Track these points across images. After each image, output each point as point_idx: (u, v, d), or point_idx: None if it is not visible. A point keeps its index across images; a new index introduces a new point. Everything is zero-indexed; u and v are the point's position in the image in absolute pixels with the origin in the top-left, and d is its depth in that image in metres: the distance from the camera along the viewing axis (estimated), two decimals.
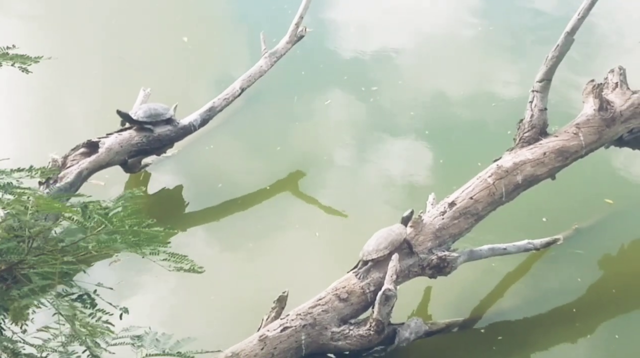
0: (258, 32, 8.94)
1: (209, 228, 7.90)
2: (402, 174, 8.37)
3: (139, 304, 6.93)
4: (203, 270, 3.92)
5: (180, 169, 8.43)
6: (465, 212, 6.89)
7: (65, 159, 7.66)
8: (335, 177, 8.40)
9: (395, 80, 9.50)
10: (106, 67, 9.58)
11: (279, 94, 9.22)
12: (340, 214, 7.93)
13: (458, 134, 8.78)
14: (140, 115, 7.93)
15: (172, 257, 3.85)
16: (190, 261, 3.89)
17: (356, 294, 6.52)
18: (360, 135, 8.86)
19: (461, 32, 10.23)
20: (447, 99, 9.23)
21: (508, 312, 7.02)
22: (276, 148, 8.62)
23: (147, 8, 10.48)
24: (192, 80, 9.46)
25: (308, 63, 9.59)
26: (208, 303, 7.02)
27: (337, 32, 10.19)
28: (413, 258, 6.68)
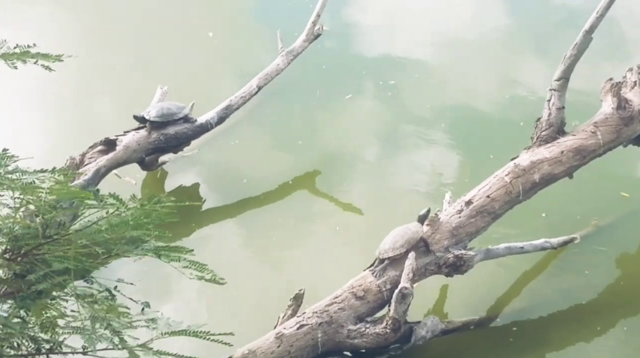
0: (283, 27, 8.97)
1: (232, 223, 7.91)
2: (421, 171, 8.35)
3: (159, 300, 6.95)
4: (224, 281, 3.95)
5: (203, 165, 8.44)
6: (482, 210, 6.86)
7: (83, 156, 7.70)
8: (355, 172, 8.39)
9: (412, 74, 9.49)
10: (131, 63, 9.60)
11: (301, 88, 9.23)
12: (360, 210, 7.92)
13: (477, 130, 8.75)
14: (153, 115, 7.96)
15: (193, 265, 3.87)
16: (211, 271, 3.91)
17: (372, 292, 6.52)
18: (380, 129, 8.86)
19: (484, 29, 10.19)
20: (467, 94, 9.20)
21: (525, 310, 6.98)
22: (298, 142, 8.64)
23: (174, 3, 10.49)
24: (216, 76, 9.46)
25: (329, 58, 9.58)
26: (228, 298, 7.03)
27: (359, 29, 10.18)
28: (429, 256, 6.66)
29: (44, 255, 3.38)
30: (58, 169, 3.93)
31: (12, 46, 3.74)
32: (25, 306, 3.52)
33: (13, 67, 3.78)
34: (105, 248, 3.50)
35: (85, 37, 9.87)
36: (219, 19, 10.19)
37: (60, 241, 3.41)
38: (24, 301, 3.50)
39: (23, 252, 3.42)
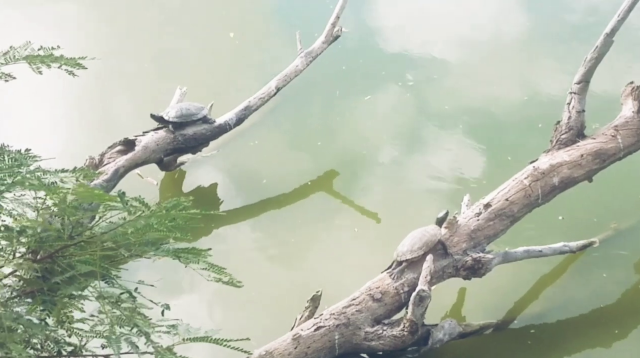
0: (303, 27, 8.97)
1: (251, 224, 7.91)
2: (440, 172, 8.31)
3: (176, 300, 6.96)
4: (241, 284, 3.95)
5: (222, 166, 8.43)
6: (501, 213, 6.84)
7: (102, 156, 7.72)
8: (374, 173, 8.36)
9: (431, 75, 9.47)
10: (151, 63, 9.60)
11: (321, 89, 9.22)
12: (378, 211, 7.89)
13: (496, 131, 8.71)
14: (172, 115, 7.98)
15: (211, 268, 3.88)
16: (229, 274, 3.92)
17: (390, 294, 6.51)
18: (398, 130, 8.83)
19: (503, 30, 10.13)
20: (485, 95, 9.15)
21: (543, 314, 6.94)
22: (317, 143, 8.64)
23: (195, 3, 10.50)
24: (236, 76, 9.45)
25: (348, 59, 9.57)
26: (246, 299, 7.03)
27: (378, 29, 10.14)
28: (447, 259, 6.65)
29: (69, 257, 3.39)
30: (79, 169, 3.95)
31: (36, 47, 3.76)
32: (47, 308, 3.54)
33: (38, 72, 3.80)
34: (127, 249, 3.51)
35: (106, 37, 9.88)
36: (240, 19, 10.18)
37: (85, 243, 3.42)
38: (46, 303, 3.52)
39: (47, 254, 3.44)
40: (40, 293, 3.61)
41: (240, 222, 7.93)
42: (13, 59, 3.69)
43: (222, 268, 3.92)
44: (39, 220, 3.46)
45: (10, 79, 3.77)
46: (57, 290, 3.60)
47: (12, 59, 3.69)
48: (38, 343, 3.63)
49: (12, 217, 3.59)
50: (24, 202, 3.64)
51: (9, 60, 3.69)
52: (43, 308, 3.64)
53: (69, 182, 3.75)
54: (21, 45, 3.72)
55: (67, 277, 3.46)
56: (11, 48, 3.71)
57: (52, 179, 3.67)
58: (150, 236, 3.56)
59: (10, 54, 3.69)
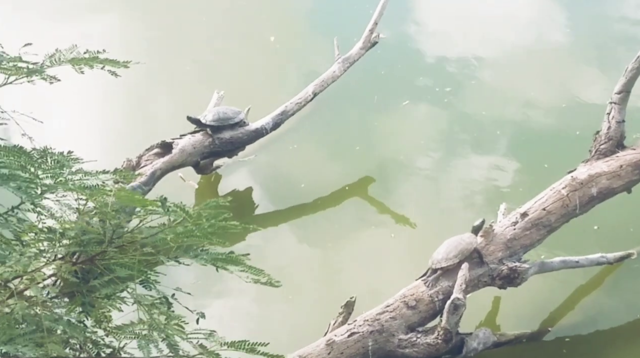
0: (343, 32, 8.96)
1: (287, 227, 7.92)
2: (476, 179, 8.27)
3: (213, 302, 6.98)
4: (280, 284, 3.94)
5: (260, 170, 8.45)
6: (538, 223, 6.78)
7: (139, 158, 7.76)
8: (411, 179, 8.33)
9: (468, 81, 9.41)
10: (191, 67, 9.61)
11: (360, 93, 9.19)
12: (415, 218, 7.85)
13: (533, 138, 8.65)
14: (209, 119, 7.99)
15: (249, 270, 3.89)
16: (268, 275, 3.92)
17: (424, 302, 6.47)
18: (436, 136, 8.80)
19: (543, 37, 10.04)
20: (523, 102, 9.08)
21: (579, 325, 6.87)
22: (355, 148, 8.62)
23: (236, 7, 10.51)
24: (275, 80, 9.44)
25: (387, 64, 9.53)
26: (280, 303, 7.03)
27: (418, 34, 10.11)
28: (483, 268, 6.61)
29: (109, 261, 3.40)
30: (118, 171, 3.97)
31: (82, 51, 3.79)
32: (86, 311, 3.55)
33: (80, 72, 3.82)
34: (166, 254, 3.52)
35: (148, 40, 9.91)
36: (281, 23, 10.17)
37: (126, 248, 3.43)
38: (85, 306, 3.53)
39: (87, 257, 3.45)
40: (80, 294, 3.62)
41: (276, 226, 7.93)
42: (58, 61, 3.73)
43: (260, 270, 3.91)
44: (81, 223, 3.47)
45: (54, 81, 3.80)
46: (95, 290, 3.61)
47: (57, 61, 3.73)
48: (77, 345, 3.64)
49: (54, 218, 3.62)
50: (66, 204, 3.66)
51: (54, 63, 3.72)
52: (82, 310, 3.66)
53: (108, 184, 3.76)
54: (67, 49, 3.75)
55: (106, 280, 3.47)
56: (57, 51, 3.74)
57: (93, 181, 3.69)
58: (189, 241, 3.56)
59: (56, 56, 3.72)
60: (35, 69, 3.69)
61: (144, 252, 3.48)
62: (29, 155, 3.57)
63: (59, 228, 3.56)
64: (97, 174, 3.72)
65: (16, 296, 3.51)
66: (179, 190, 7.95)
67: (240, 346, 3.77)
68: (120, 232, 3.52)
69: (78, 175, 3.70)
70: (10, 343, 3.32)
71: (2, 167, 3.46)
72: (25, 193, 3.47)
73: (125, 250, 3.50)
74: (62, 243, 3.57)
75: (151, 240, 3.49)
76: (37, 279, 3.53)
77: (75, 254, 3.60)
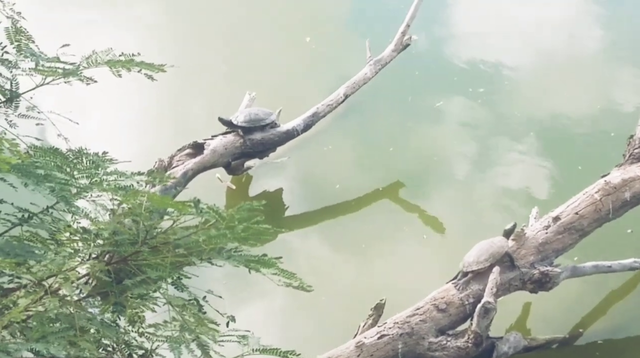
0: (379, 32, 8.91)
1: (320, 228, 7.90)
2: (509, 181, 8.22)
3: (244, 303, 6.98)
4: (311, 288, 3.93)
5: (293, 171, 8.43)
6: (570, 227, 6.73)
7: (171, 159, 7.78)
8: (444, 180, 8.29)
9: (502, 82, 9.35)
10: (225, 67, 9.60)
11: (394, 94, 9.15)
12: (447, 220, 7.82)
13: (567, 140, 8.60)
14: (240, 120, 7.99)
15: (281, 273, 3.88)
16: (299, 279, 3.91)
17: (455, 305, 6.44)
18: (469, 137, 8.75)
19: (578, 39, 9.94)
20: (557, 103, 9.01)
21: (611, 330, 6.80)
22: (389, 149, 8.58)
23: (271, 7, 10.49)
24: (309, 81, 9.41)
25: (421, 64, 9.50)
26: (310, 305, 7.01)
27: (452, 36, 10.04)
28: (514, 271, 6.57)
29: (142, 262, 3.40)
30: (153, 172, 3.97)
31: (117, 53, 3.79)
32: (118, 311, 3.56)
33: (117, 75, 3.83)
34: (198, 256, 3.52)
35: (183, 41, 9.90)
36: (317, 24, 10.13)
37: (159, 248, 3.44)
38: (117, 306, 3.54)
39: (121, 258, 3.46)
40: (113, 294, 3.63)
41: (309, 227, 7.93)
42: (95, 62, 3.74)
43: (292, 273, 3.89)
44: (114, 224, 3.48)
45: (91, 82, 3.81)
46: (127, 290, 3.62)
47: (93, 62, 3.74)
48: (110, 345, 3.65)
49: (89, 219, 3.63)
50: (100, 204, 3.67)
51: (91, 64, 3.73)
52: (113, 310, 3.66)
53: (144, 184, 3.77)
54: (103, 51, 3.76)
55: (138, 281, 3.48)
56: (94, 52, 3.75)
57: (127, 181, 3.69)
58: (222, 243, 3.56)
59: (92, 57, 3.74)
60: (72, 70, 3.70)
61: (176, 254, 3.48)
62: (64, 156, 3.59)
63: (94, 229, 3.57)
64: (132, 175, 3.73)
65: (50, 295, 3.52)
66: (209, 190, 7.96)
67: (273, 352, 3.76)
68: (153, 232, 3.53)
69: (113, 175, 3.71)
70: (43, 342, 3.32)
71: (38, 167, 3.48)
72: (59, 195, 3.48)
73: (159, 251, 3.50)
74: (97, 244, 3.57)
75: (184, 242, 3.48)
76: (71, 278, 3.54)
77: (108, 254, 3.61)
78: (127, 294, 3.61)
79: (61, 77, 3.72)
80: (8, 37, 3.85)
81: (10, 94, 3.77)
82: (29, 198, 3.58)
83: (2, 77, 3.80)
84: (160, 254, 3.45)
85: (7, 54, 3.77)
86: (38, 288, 3.57)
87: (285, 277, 3.88)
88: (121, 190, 3.53)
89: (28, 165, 3.43)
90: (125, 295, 3.56)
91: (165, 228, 3.64)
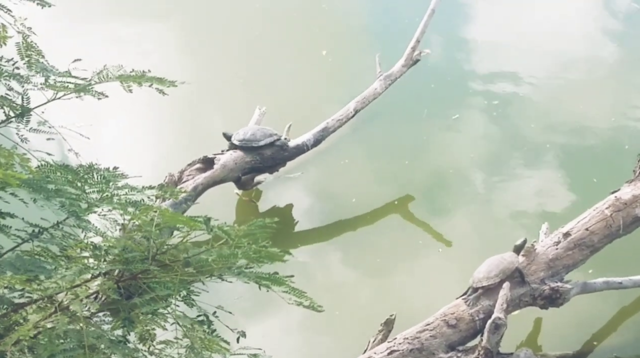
0: (392, 47, 8.86)
1: (333, 242, 7.82)
2: (523, 195, 8.14)
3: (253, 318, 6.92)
4: (322, 309, 3.87)
5: (306, 185, 8.36)
6: (580, 243, 6.68)
7: (181, 173, 7.73)
8: (459, 194, 8.20)
9: (517, 94, 9.27)
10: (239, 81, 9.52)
11: (410, 106, 9.09)
12: (458, 235, 7.74)
13: (582, 152, 8.53)
14: (238, 138, 7.91)
15: (292, 291, 3.83)
16: (310, 298, 3.85)
17: (465, 321, 6.38)
18: (484, 150, 8.68)
19: (595, 53, 9.86)
20: (573, 116, 8.95)
21: (622, 347, 6.72)
22: (404, 162, 8.53)
23: (288, 20, 10.38)
24: (324, 95, 9.36)
25: (436, 76, 9.44)
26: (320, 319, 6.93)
27: (467, 49, 9.97)
28: (524, 287, 6.52)
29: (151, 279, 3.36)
30: (165, 188, 3.93)
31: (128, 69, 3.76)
32: (127, 327, 3.51)
33: (129, 91, 3.80)
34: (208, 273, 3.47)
35: (196, 54, 9.85)
36: (335, 36, 10.05)
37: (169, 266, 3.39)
38: (126, 322, 3.49)
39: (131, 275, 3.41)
40: (123, 311, 3.58)
41: (323, 241, 7.85)
42: (106, 77, 3.71)
43: (303, 292, 3.83)
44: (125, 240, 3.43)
45: (102, 97, 3.78)
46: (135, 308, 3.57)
47: (105, 77, 3.71)
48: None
49: (99, 235, 3.58)
50: (111, 218, 3.63)
51: (102, 79, 3.70)
52: (123, 325, 3.61)
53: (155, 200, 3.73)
54: (114, 66, 3.73)
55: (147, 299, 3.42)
56: (105, 67, 3.72)
57: (138, 196, 3.65)
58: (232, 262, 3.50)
59: (103, 73, 3.71)
60: (83, 86, 3.67)
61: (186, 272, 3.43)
62: (74, 172, 3.55)
63: (104, 245, 3.52)
64: (142, 190, 3.68)
65: (59, 311, 3.47)
66: (219, 204, 7.91)
67: None
68: (163, 249, 3.48)
69: (124, 190, 3.66)
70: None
71: (49, 182, 3.44)
72: (69, 210, 3.44)
73: (169, 268, 3.45)
74: (107, 260, 3.53)
75: (195, 260, 3.43)
76: (81, 295, 3.49)
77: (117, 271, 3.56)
78: (136, 311, 3.55)
79: (72, 92, 3.69)
80: (19, 52, 3.81)
81: (21, 109, 3.74)
82: (40, 213, 3.54)
83: (13, 91, 3.77)
84: (170, 272, 3.40)
85: (18, 69, 3.73)
86: (49, 303, 3.52)
87: (296, 295, 3.83)
88: (131, 206, 3.49)
89: (39, 180, 3.40)
90: (135, 312, 3.51)
91: (175, 243, 3.59)
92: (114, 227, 3.71)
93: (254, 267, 3.60)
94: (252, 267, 3.61)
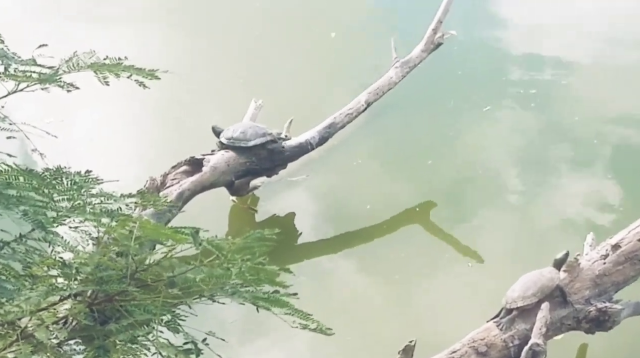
0: (413, 26, 8.88)
1: (352, 255, 7.89)
2: (566, 200, 8.20)
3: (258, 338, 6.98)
4: (332, 332, 3.88)
5: (313, 189, 8.43)
6: (632, 256, 6.69)
7: (164, 177, 7.71)
8: (491, 198, 8.28)
9: (558, 82, 9.35)
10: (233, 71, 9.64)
11: (433, 97, 9.16)
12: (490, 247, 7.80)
13: (634, 149, 8.58)
14: (226, 136, 7.92)
15: (296, 313, 3.83)
16: (317, 321, 3.85)
17: (497, 348, 6.40)
18: (521, 147, 8.76)
19: None
20: (623, 107, 9.02)
21: None
22: (427, 162, 8.54)
23: (293, 5, 10.53)
24: (335, 83, 9.40)
25: (464, 63, 9.50)
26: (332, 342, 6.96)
27: (502, 30, 10.04)
28: (567, 308, 6.55)
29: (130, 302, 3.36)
30: (145, 195, 3.92)
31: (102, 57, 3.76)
32: (102, 357, 3.50)
33: (105, 83, 3.80)
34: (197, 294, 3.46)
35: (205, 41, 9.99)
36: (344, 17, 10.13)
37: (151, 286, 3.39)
38: (99, 351, 3.48)
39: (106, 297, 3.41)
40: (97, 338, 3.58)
41: (335, 253, 7.91)
42: (77, 66, 3.70)
43: (308, 315, 3.83)
44: (100, 257, 3.44)
45: (72, 89, 3.77)
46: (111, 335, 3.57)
47: (75, 66, 3.70)
48: None
49: (69, 250, 3.58)
50: (83, 231, 3.62)
51: (72, 68, 3.69)
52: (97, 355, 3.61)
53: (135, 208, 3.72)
54: (85, 53, 3.73)
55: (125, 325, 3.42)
56: (75, 55, 3.72)
57: (115, 205, 3.64)
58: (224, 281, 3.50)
59: (73, 60, 3.69)
60: (49, 76, 3.66)
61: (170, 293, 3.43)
62: (40, 177, 3.54)
63: (75, 262, 3.53)
64: (120, 198, 3.67)
65: (22, 339, 3.47)
66: (209, 213, 7.95)
67: None
68: (143, 266, 3.48)
69: (98, 198, 3.66)
70: None
71: (10, 188, 3.43)
72: (33, 220, 3.43)
73: (150, 289, 3.45)
74: (78, 279, 3.53)
75: (181, 279, 3.43)
76: (47, 321, 3.49)
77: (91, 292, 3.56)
78: (112, 338, 3.55)
79: (37, 83, 3.68)
80: None
81: None
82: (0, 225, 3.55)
83: None
84: (152, 293, 3.40)
85: None
86: (10, 330, 3.52)
87: (300, 317, 3.82)
88: (107, 216, 3.49)
89: None
90: (110, 339, 3.51)
91: (158, 260, 3.59)
92: (87, 240, 3.71)
93: (251, 286, 3.60)
94: (249, 285, 3.61)
